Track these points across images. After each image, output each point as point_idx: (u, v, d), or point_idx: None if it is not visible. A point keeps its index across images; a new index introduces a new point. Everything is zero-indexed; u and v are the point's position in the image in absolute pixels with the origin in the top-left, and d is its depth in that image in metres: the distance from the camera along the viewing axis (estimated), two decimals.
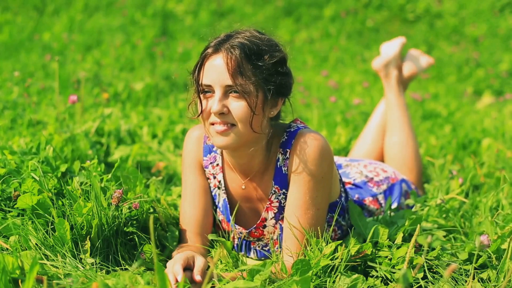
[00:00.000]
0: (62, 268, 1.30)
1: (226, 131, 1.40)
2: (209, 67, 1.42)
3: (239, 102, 1.39)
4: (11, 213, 1.53)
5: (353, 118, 3.95)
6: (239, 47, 1.39)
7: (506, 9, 8.79)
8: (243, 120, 1.39)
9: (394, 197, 2.01)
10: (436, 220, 1.82)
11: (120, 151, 2.43)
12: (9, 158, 1.73)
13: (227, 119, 1.40)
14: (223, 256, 1.52)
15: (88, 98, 3.94)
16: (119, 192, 1.49)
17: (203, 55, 1.44)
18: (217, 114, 1.39)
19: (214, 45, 1.43)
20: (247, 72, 1.38)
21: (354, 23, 8.55)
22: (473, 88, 6.33)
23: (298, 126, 1.54)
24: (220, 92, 1.39)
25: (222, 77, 1.39)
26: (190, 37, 7.34)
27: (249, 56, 1.40)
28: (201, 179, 1.64)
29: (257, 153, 1.53)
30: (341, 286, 1.34)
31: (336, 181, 1.60)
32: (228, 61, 1.38)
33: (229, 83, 1.38)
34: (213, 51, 1.42)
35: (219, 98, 1.39)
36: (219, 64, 1.40)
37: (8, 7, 7.87)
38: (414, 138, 2.38)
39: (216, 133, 1.41)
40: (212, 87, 1.41)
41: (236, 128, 1.40)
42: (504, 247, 1.48)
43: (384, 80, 2.55)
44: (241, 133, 1.41)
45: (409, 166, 2.30)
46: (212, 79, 1.40)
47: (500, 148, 2.89)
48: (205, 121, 1.45)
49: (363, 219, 1.61)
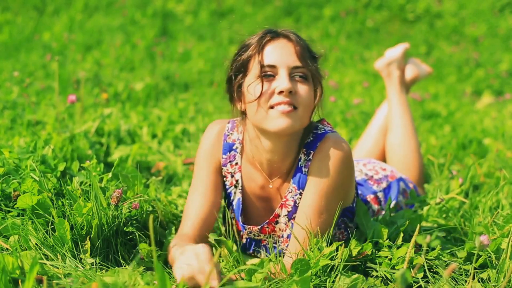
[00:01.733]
0: (62, 268, 1.31)
1: (291, 111, 1.38)
2: (273, 49, 1.42)
3: (304, 85, 1.40)
4: (11, 213, 1.53)
5: (353, 118, 3.96)
6: (297, 36, 1.45)
7: (506, 9, 8.79)
8: (307, 104, 1.40)
9: (392, 194, 2.02)
10: (436, 220, 1.82)
11: (120, 151, 2.43)
12: (7, 156, 1.73)
13: (293, 100, 1.38)
14: (224, 255, 1.51)
15: (88, 98, 3.94)
16: (118, 192, 1.49)
17: (262, 41, 1.43)
18: (287, 92, 1.37)
19: (269, 32, 1.45)
20: (309, 58, 1.43)
21: (354, 23, 8.55)
22: (473, 88, 6.34)
23: (325, 130, 1.51)
24: (286, 72, 1.39)
25: (289, 58, 1.40)
26: (190, 37, 7.34)
27: (306, 46, 1.46)
28: (215, 176, 1.60)
29: (291, 151, 1.51)
30: (341, 286, 1.34)
31: (353, 188, 1.58)
32: (295, 44, 1.42)
33: (297, 64, 1.40)
34: (272, 36, 1.44)
35: (287, 77, 1.38)
36: (285, 46, 1.42)
37: (8, 7, 7.87)
38: (416, 137, 2.40)
39: (280, 114, 1.38)
40: (276, 68, 1.40)
41: (298, 111, 1.39)
42: (504, 247, 1.48)
43: (386, 79, 2.57)
44: (300, 117, 1.40)
45: (410, 165, 2.31)
46: (277, 59, 1.40)
47: (500, 148, 2.89)
48: (261, 106, 1.41)
49: (367, 218, 1.60)
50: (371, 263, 1.47)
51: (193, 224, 1.54)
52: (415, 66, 2.64)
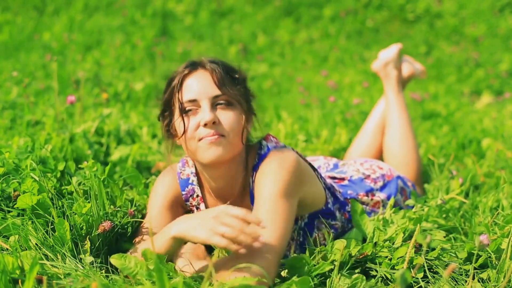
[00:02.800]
0: (62, 268, 1.30)
1: (218, 139, 1.38)
2: (191, 83, 1.43)
3: (227, 112, 1.41)
4: (11, 213, 1.53)
5: (353, 118, 3.96)
6: (216, 63, 1.45)
7: (506, 9, 8.79)
8: (234, 130, 1.40)
9: (390, 193, 2.03)
10: (436, 220, 1.82)
11: (119, 151, 2.43)
12: (7, 156, 1.73)
13: (218, 129, 1.39)
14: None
15: (88, 98, 3.94)
16: (108, 223, 1.45)
17: (180, 76, 1.45)
18: (210, 123, 1.38)
19: (188, 65, 1.47)
20: (230, 83, 1.43)
21: (354, 23, 8.55)
22: (473, 88, 6.34)
23: (268, 147, 1.50)
24: (208, 104, 1.40)
25: (208, 89, 1.41)
26: (190, 37, 7.34)
27: (226, 70, 1.46)
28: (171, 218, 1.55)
29: (237, 175, 1.51)
30: (341, 286, 1.33)
31: (317, 192, 1.56)
32: (212, 73, 1.42)
33: (217, 93, 1.41)
34: (190, 70, 1.45)
35: (209, 109, 1.39)
36: (203, 77, 1.43)
37: (8, 7, 7.87)
38: (413, 136, 2.42)
39: (208, 145, 1.38)
40: (197, 102, 1.41)
41: (227, 138, 1.40)
42: (504, 247, 1.47)
43: (384, 80, 2.60)
44: (231, 143, 1.40)
45: (408, 164, 2.33)
46: (197, 93, 1.41)
47: (500, 148, 2.89)
48: (189, 141, 1.42)
49: (364, 218, 1.60)
50: (371, 263, 1.47)
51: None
52: (409, 63, 2.66)
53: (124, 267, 1.21)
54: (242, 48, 6.91)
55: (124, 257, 1.24)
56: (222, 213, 1.19)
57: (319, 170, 2.08)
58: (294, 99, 5.02)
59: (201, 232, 1.18)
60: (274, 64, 6.62)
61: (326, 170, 2.10)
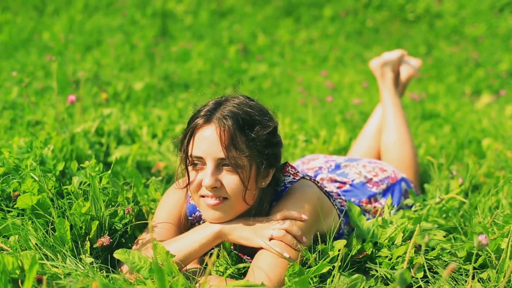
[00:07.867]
0: (62, 268, 1.31)
1: (218, 204, 1.35)
2: (200, 138, 1.35)
3: (232, 176, 1.34)
4: (11, 213, 1.53)
5: (352, 118, 3.96)
6: (231, 118, 1.33)
7: (506, 9, 8.79)
8: (237, 194, 1.34)
9: (394, 197, 2.01)
10: (436, 220, 1.82)
11: (119, 151, 2.43)
12: (7, 156, 1.73)
13: (219, 192, 1.34)
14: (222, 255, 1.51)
15: (88, 98, 3.94)
16: (106, 238, 1.43)
17: (192, 124, 1.37)
18: (209, 188, 1.33)
19: (204, 114, 1.36)
20: (240, 144, 1.32)
21: (353, 23, 8.54)
22: (473, 88, 6.34)
23: (285, 184, 1.49)
24: (212, 165, 1.33)
25: (214, 149, 1.32)
26: (190, 37, 7.34)
27: (242, 127, 1.34)
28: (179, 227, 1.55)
29: (249, 213, 1.45)
30: (341, 286, 1.34)
31: (331, 220, 1.53)
32: (221, 133, 1.32)
33: (222, 156, 1.32)
34: (204, 122, 1.36)
35: (211, 171, 1.33)
36: (211, 136, 1.33)
37: (8, 7, 7.86)
38: (410, 137, 2.42)
39: (207, 207, 1.36)
40: (203, 159, 1.35)
41: (229, 201, 1.35)
42: (503, 246, 1.48)
43: (379, 80, 2.62)
44: (233, 206, 1.36)
45: (406, 165, 2.33)
46: (203, 151, 1.34)
47: (500, 148, 2.89)
48: (193, 194, 1.40)
49: (362, 219, 1.60)
50: (371, 263, 1.47)
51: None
52: (408, 64, 2.68)
53: (128, 262, 1.23)
54: (242, 48, 6.92)
55: (128, 252, 1.25)
56: (267, 221, 1.29)
57: (321, 171, 2.07)
58: (294, 99, 5.02)
59: (247, 233, 1.29)
60: (274, 64, 6.62)
61: (328, 171, 2.09)
